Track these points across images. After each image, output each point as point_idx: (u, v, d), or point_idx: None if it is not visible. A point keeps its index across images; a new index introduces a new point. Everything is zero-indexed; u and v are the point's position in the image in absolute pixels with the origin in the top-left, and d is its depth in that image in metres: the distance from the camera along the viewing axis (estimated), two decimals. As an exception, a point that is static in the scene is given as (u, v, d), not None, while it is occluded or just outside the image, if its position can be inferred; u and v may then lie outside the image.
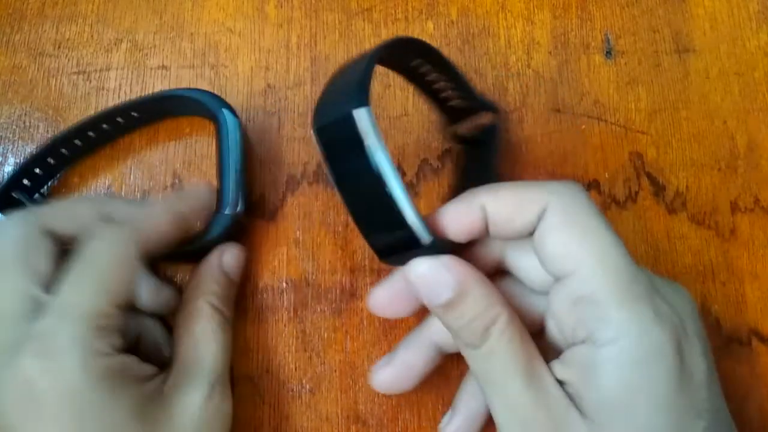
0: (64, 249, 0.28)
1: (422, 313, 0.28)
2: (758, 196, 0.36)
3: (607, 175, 0.36)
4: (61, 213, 0.29)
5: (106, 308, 0.25)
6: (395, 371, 0.29)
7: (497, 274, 0.28)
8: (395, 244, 0.23)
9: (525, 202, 0.24)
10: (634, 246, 0.35)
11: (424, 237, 0.23)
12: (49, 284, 0.26)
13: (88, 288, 0.26)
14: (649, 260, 0.34)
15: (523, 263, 0.27)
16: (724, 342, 0.33)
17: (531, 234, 0.25)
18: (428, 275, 0.24)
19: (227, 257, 0.32)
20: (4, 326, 0.25)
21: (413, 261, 0.24)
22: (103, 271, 0.26)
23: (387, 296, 0.28)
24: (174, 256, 0.33)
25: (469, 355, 0.25)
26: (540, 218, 0.24)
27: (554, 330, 0.26)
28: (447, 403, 0.31)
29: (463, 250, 0.27)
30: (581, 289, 0.23)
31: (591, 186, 0.35)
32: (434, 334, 0.29)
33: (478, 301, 0.24)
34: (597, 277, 0.23)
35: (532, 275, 0.26)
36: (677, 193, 0.36)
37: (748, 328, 0.34)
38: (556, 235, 0.24)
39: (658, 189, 0.36)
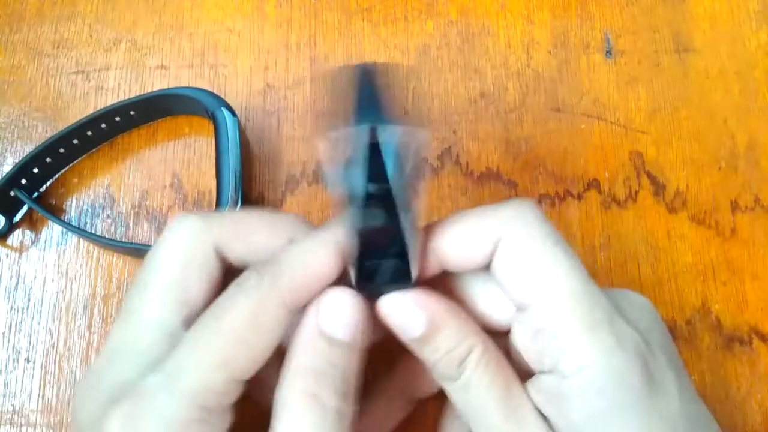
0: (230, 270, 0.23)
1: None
2: (758, 195, 0.36)
3: (607, 175, 0.36)
4: (243, 231, 0.23)
5: (220, 385, 0.20)
6: (364, 423, 0.28)
7: None
8: (381, 272, 0.23)
9: (478, 238, 0.24)
10: (634, 245, 0.34)
11: (414, 272, 0.23)
12: (196, 318, 0.22)
13: (206, 356, 0.21)
14: (650, 260, 0.34)
15: (479, 294, 0.26)
16: (724, 341, 0.33)
17: (487, 266, 0.24)
18: (400, 312, 0.23)
19: (327, 315, 0.22)
20: (129, 363, 0.21)
21: (384, 298, 0.23)
22: (229, 337, 0.21)
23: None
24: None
25: (446, 388, 0.25)
26: (495, 249, 0.23)
27: (518, 357, 0.25)
28: (439, 411, 0.30)
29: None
30: (541, 320, 0.23)
31: (591, 185, 0.35)
32: (402, 384, 0.28)
33: (451, 334, 0.23)
34: (555, 308, 0.22)
35: (486, 306, 0.26)
36: (677, 193, 0.36)
37: (748, 327, 0.33)
38: (511, 267, 0.23)
39: (659, 188, 0.36)
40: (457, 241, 0.24)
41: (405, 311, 0.23)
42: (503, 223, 0.23)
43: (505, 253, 0.23)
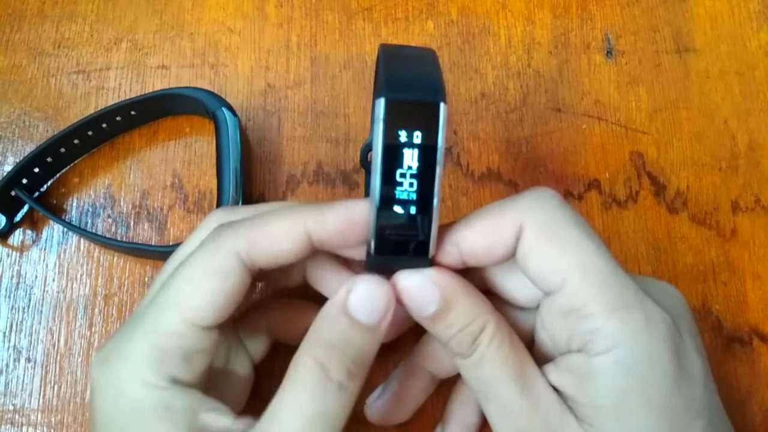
0: None
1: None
2: (759, 195, 0.36)
3: (607, 175, 0.36)
4: (265, 238, 0.23)
5: (176, 326, 0.22)
6: (389, 403, 0.29)
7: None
8: (401, 243, 0.23)
9: (499, 230, 0.24)
10: (634, 246, 0.34)
11: (432, 251, 0.23)
12: None
13: (163, 298, 0.23)
14: (650, 260, 0.34)
15: (507, 283, 0.26)
16: (725, 342, 0.33)
17: (513, 254, 0.24)
18: (414, 289, 0.24)
19: (356, 296, 0.23)
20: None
21: (399, 274, 0.24)
22: (183, 280, 0.23)
23: None
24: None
25: (460, 365, 0.25)
26: (518, 239, 0.24)
27: (547, 342, 0.26)
28: (446, 399, 0.30)
29: None
30: (570, 303, 0.23)
31: (592, 185, 0.35)
32: (425, 362, 0.29)
33: (464, 312, 0.24)
34: (584, 290, 0.23)
35: (516, 293, 0.26)
36: (678, 193, 0.36)
37: (749, 327, 0.34)
38: (536, 254, 0.23)
39: (659, 189, 0.36)
40: (478, 238, 0.24)
41: (418, 290, 0.24)
42: (524, 213, 0.23)
43: (529, 242, 0.23)
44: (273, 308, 0.29)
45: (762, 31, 0.38)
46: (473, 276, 0.26)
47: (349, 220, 0.23)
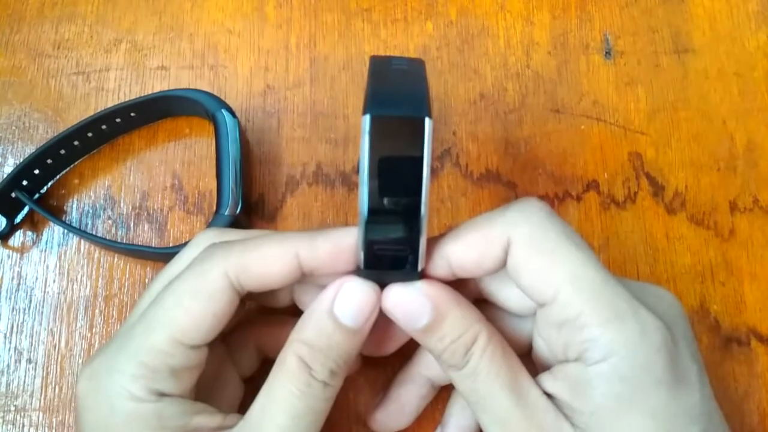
0: None
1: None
2: (757, 196, 0.36)
3: (606, 176, 0.36)
4: (255, 262, 0.24)
5: (163, 344, 0.23)
6: (390, 411, 0.29)
7: (476, 302, 0.27)
8: (389, 257, 0.23)
9: (487, 245, 0.24)
10: (633, 246, 0.35)
11: (421, 264, 0.23)
12: None
13: (152, 317, 0.23)
14: (648, 260, 0.34)
15: (502, 293, 0.26)
16: (723, 342, 0.33)
17: (503, 266, 0.24)
18: (405, 302, 0.24)
19: (342, 299, 0.24)
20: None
21: (389, 288, 0.24)
22: (172, 299, 0.23)
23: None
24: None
25: (454, 377, 0.25)
26: (507, 253, 0.24)
27: (544, 349, 0.26)
28: (446, 402, 0.31)
29: None
30: (564, 314, 0.23)
31: (590, 186, 0.36)
32: (425, 369, 0.29)
33: (456, 323, 0.24)
34: (576, 302, 0.23)
35: (512, 303, 0.26)
36: (676, 193, 0.36)
37: (747, 328, 0.34)
38: (526, 268, 0.23)
39: (657, 189, 0.36)
40: (466, 252, 0.24)
41: (409, 303, 0.24)
42: (511, 227, 0.24)
43: (519, 257, 0.24)
44: (261, 325, 0.29)
45: (760, 32, 0.39)
46: (468, 286, 0.27)
47: (338, 244, 0.23)
